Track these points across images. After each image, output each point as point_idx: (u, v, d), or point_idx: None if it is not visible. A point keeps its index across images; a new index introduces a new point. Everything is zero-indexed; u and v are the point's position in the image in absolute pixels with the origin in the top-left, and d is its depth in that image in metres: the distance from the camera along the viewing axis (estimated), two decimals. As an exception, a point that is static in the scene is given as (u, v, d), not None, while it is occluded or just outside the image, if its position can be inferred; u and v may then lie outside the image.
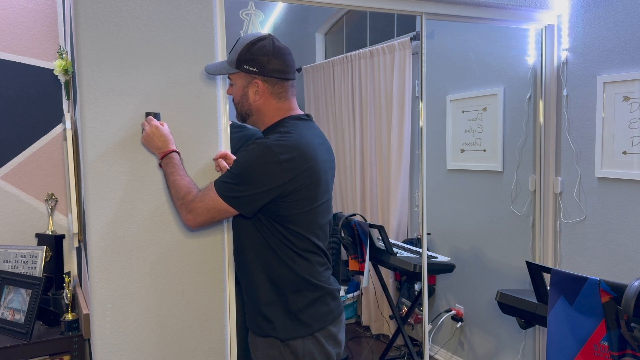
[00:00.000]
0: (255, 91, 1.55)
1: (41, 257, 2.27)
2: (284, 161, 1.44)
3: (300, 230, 1.52)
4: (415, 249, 3.10)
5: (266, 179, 1.45)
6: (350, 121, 3.92)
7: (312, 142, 1.53)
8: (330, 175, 1.61)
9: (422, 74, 2.39)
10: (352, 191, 3.99)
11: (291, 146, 1.47)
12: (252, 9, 1.93)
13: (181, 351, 1.74)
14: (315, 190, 1.51)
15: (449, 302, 3.37)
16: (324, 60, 4.37)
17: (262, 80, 1.53)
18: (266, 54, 1.52)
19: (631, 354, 1.63)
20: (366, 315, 3.92)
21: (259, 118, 1.59)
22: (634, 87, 2.25)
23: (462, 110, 3.16)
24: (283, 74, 1.54)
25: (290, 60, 1.57)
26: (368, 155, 3.74)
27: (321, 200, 1.55)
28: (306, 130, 1.55)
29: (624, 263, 2.33)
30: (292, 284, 1.53)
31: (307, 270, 1.54)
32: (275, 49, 1.54)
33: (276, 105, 1.56)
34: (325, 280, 1.58)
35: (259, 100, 1.55)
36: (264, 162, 1.44)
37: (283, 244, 1.52)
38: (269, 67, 1.52)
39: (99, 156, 1.60)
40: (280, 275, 1.53)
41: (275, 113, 1.57)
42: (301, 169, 1.46)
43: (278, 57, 1.53)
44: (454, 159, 3.25)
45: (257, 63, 1.52)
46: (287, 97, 1.57)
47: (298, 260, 1.53)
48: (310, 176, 1.49)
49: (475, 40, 3.09)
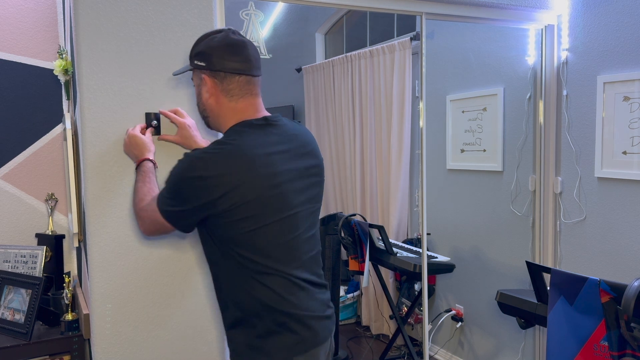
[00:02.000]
0: (206, 89, 1.38)
1: (41, 257, 2.27)
2: (207, 178, 1.27)
3: (246, 254, 1.32)
4: (415, 249, 3.10)
5: (192, 195, 1.29)
6: (350, 121, 3.92)
7: (258, 153, 1.32)
8: (299, 186, 1.39)
9: (422, 74, 2.39)
10: (352, 191, 3.99)
11: (218, 161, 1.29)
12: (252, 9, 1.93)
13: (181, 351, 1.74)
14: (259, 208, 1.31)
15: (449, 302, 3.37)
16: (324, 60, 4.36)
17: (210, 76, 1.36)
18: (214, 46, 1.36)
19: (631, 354, 1.63)
20: (366, 315, 3.92)
21: (216, 120, 1.42)
22: (634, 87, 2.25)
23: (462, 110, 3.16)
24: (234, 68, 1.35)
25: (244, 52, 1.37)
26: (368, 155, 3.74)
27: (274, 218, 1.33)
28: (256, 138, 1.34)
29: (624, 263, 2.33)
30: (251, 308, 1.35)
31: (265, 295, 1.33)
32: (226, 41, 1.37)
33: (229, 104, 1.38)
34: (292, 305, 1.35)
35: (210, 99, 1.39)
36: (187, 178, 1.29)
37: (235, 266, 1.35)
38: (215, 60, 1.35)
39: (99, 156, 1.60)
40: (239, 298, 1.36)
41: (230, 114, 1.38)
42: (231, 186, 1.27)
43: (228, 49, 1.36)
44: (454, 159, 3.25)
45: (204, 55, 1.37)
46: (241, 95, 1.37)
47: (253, 284, 1.33)
48: (247, 193, 1.28)
49: (475, 40, 3.09)
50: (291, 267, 1.37)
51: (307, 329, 1.37)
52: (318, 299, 1.43)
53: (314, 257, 1.45)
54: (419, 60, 2.42)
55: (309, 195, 1.42)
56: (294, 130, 1.43)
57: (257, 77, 1.40)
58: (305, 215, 1.41)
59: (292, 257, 1.38)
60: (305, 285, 1.39)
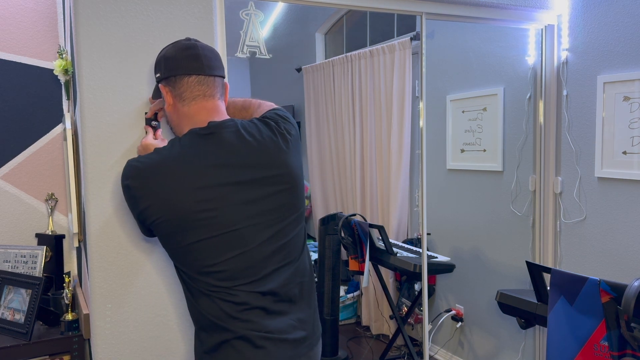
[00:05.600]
0: (165, 99, 1.34)
1: (41, 257, 2.27)
2: (133, 188, 1.25)
3: (186, 270, 1.29)
4: (415, 249, 3.10)
5: (128, 202, 1.29)
6: (350, 121, 3.92)
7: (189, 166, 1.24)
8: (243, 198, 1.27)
9: (422, 74, 2.39)
10: (352, 191, 3.99)
11: (144, 171, 1.25)
12: (252, 9, 1.92)
13: (181, 351, 1.74)
14: (187, 225, 1.23)
15: (449, 302, 3.37)
16: (324, 60, 4.37)
17: (165, 84, 1.32)
18: (164, 54, 1.34)
19: (631, 354, 1.63)
20: (366, 315, 3.92)
21: (177, 130, 1.36)
22: (634, 87, 2.25)
23: (462, 110, 3.16)
24: (182, 69, 1.29)
25: (193, 52, 1.31)
26: (368, 155, 3.74)
27: (208, 234, 1.24)
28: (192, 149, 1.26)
29: (624, 263, 2.33)
30: (201, 322, 1.31)
31: (210, 311, 1.27)
32: (176, 46, 1.33)
33: (182, 109, 1.31)
34: (240, 323, 1.26)
35: (169, 108, 1.34)
36: (122, 186, 1.29)
37: (183, 280, 1.32)
38: (164, 65, 1.32)
39: (99, 156, 1.60)
40: (192, 311, 1.33)
41: (185, 121, 1.31)
42: (153, 200, 1.23)
43: (177, 52, 1.31)
44: (454, 159, 3.25)
45: (157, 66, 1.35)
46: (192, 98, 1.30)
47: (201, 299, 1.28)
48: (171, 209, 1.22)
49: (475, 40, 3.09)
50: (242, 284, 1.27)
51: (256, 349, 1.26)
52: (283, 319, 1.32)
53: (286, 268, 1.34)
54: (419, 60, 2.42)
55: (264, 207, 1.29)
56: (248, 137, 1.29)
57: (212, 77, 1.32)
58: (260, 229, 1.29)
59: (243, 274, 1.27)
60: (263, 302, 1.29)
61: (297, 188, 1.36)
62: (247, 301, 1.27)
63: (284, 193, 1.33)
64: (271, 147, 1.32)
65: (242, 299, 1.27)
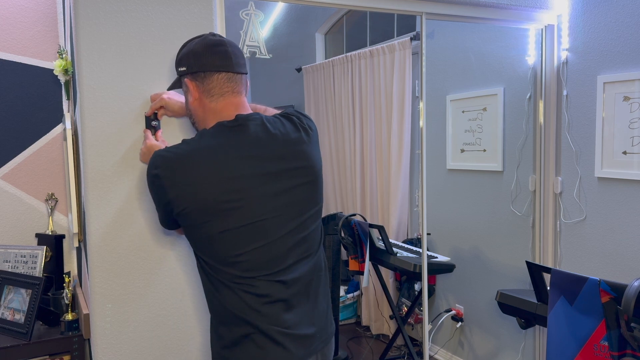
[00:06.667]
0: (190, 93, 1.36)
1: (41, 257, 2.27)
2: (162, 177, 1.26)
3: (210, 261, 1.30)
4: (415, 249, 3.10)
5: (155, 193, 1.30)
6: (350, 121, 3.92)
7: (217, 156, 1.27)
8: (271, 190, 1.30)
9: (422, 74, 2.39)
10: (352, 191, 3.99)
11: (174, 161, 1.27)
12: (252, 9, 1.92)
13: (181, 351, 1.74)
14: (215, 215, 1.26)
15: (449, 302, 3.37)
16: (324, 60, 4.36)
17: (191, 78, 1.35)
18: (192, 49, 1.35)
19: (631, 354, 1.63)
20: (366, 315, 3.92)
21: (203, 125, 1.38)
22: (634, 87, 2.25)
23: (462, 110, 3.16)
24: (212, 66, 1.32)
25: (222, 49, 1.34)
26: (368, 155, 3.74)
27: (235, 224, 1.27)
28: (221, 141, 1.29)
29: (624, 263, 2.33)
30: (222, 316, 1.33)
31: (233, 304, 1.29)
32: (204, 41, 1.35)
33: (209, 105, 1.34)
34: (260, 316, 1.29)
35: (194, 103, 1.36)
36: (149, 175, 1.30)
37: (206, 272, 1.33)
38: (193, 60, 1.34)
39: (99, 156, 1.60)
40: (213, 305, 1.35)
41: (211, 116, 1.35)
42: (183, 189, 1.25)
43: (206, 48, 1.34)
44: (454, 159, 3.25)
45: (184, 60, 1.37)
46: (221, 94, 1.33)
47: (224, 292, 1.30)
48: (199, 198, 1.25)
49: (475, 40, 3.09)
50: (265, 274, 1.29)
51: (276, 345, 1.29)
52: (301, 313, 1.34)
53: (306, 261, 1.37)
54: (419, 60, 2.42)
55: (288, 199, 1.32)
56: (273, 130, 1.34)
57: (240, 74, 1.35)
58: (284, 221, 1.32)
59: (266, 265, 1.29)
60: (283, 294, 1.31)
61: (318, 182, 1.40)
62: (268, 293, 1.30)
63: (306, 186, 1.37)
64: (295, 140, 1.36)
65: (264, 291, 1.29)
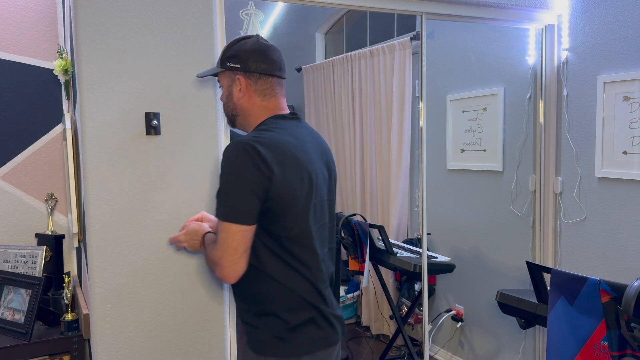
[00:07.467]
0: (239, 89, 1.48)
1: (41, 257, 2.27)
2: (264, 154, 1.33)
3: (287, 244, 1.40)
4: (415, 249, 3.10)
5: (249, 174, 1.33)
6: (350, 121, 3.92)
7: (295, 141, 1.42)
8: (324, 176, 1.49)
9: (422, 74, 2.39)
10: (352, 191, 3.99)
11: (270, 141, 1.37)
12: (252, 9, 1.93)
13: (181, 351, 1.74)
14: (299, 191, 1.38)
15: (449, 302, 3.37)
16: (324, 60, 4.37)
17: (244, 76, 1.47)
18: (248, 50, 1.47)
19: (631, 354, 1.63)
20: (366, 315, 3.92)
21: (245, 119, 1.51)
22: (634, 87, 2.25)
23: (462, 110, 3.16)
24: (267, 70, 1.47)
25: (275, 56, 1.50)
26: (368, 155, 3.74)
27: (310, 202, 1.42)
28: (290, 128, 1.46)
29: (624, 263, 2.33)
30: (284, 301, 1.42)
31: (301, 287, 1.42)
32: (258, 45, 1.48)
33: (261, 103, 1.49)
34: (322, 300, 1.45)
35: (243, 98, 1.49)
36: (241, 163, 1.33)
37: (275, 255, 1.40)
38: (250, 61, 1.46)
39: (99, 156, 1.60)
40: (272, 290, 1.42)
41: (261, 112, 1.49)
42: (280, 168, 1.34)
43: (261, 52, 1.48)
44: (454, 159, 3.25)
45: (238, 58, 1.47)
46: (273, 95, 1.50)
47: (289, 274, 1.41)
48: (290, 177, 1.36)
49: (475, 40, 3.09)
50: (319, 259, 1.45)
51: (329, 325, 1.46)
52: (333, 296, 1.50)
53: (331, 250, 1.54)
54: (419, 60, 2.42)
55: (329, 187, 1.53)
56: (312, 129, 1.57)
57: (284, 79, 1.54)
58: (329, 206, 1.52)
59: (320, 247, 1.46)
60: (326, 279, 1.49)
61: (336, 177, 1.60)
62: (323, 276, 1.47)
63: (333, 179, 1.58)
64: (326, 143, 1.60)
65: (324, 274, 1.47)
